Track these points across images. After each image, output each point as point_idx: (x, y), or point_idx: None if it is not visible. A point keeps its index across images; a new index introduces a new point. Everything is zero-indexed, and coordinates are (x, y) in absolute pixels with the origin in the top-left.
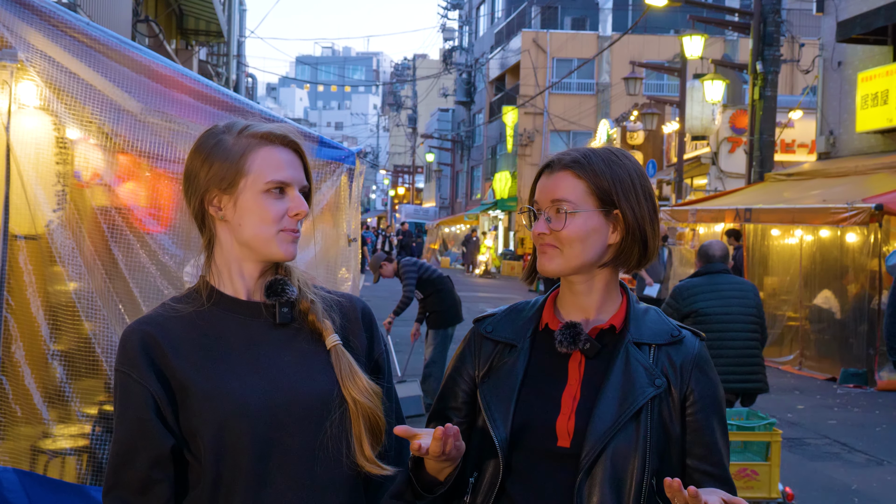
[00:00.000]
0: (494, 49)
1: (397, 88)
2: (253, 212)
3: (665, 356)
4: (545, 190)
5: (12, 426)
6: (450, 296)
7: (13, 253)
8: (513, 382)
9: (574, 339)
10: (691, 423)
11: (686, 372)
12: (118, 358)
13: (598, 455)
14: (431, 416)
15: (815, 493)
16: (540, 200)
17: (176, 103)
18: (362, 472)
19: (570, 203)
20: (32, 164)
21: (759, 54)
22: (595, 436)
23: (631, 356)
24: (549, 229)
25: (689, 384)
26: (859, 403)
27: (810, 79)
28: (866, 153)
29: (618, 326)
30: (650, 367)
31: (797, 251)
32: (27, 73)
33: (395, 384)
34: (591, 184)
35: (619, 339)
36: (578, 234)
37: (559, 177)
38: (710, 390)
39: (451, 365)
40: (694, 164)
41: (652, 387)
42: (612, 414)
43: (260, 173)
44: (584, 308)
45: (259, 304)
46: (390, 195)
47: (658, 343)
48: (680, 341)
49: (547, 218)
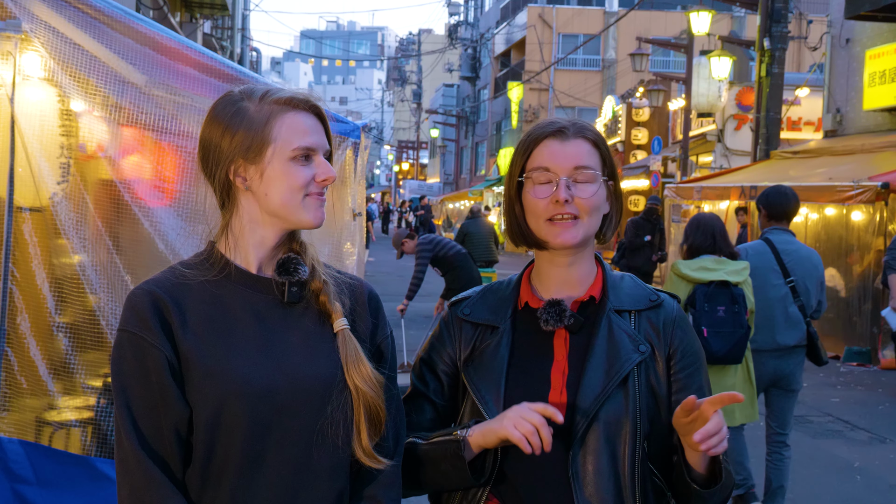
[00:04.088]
0: (500, 24)
1: (402, 63)
2: (281, 180)
3: (646, 321)
4: (565, 155)
5: (18, 398)
6: (466, 273)
7: (18, 225)
8: (499, 364)
9: (559, 317)
10: (676, 381)
11: (668, 333)
12: (127, 319)
13: (590, 424)
14: (409, 397)
15: (817, 470)
16: (555, 166)
17: (181, 76)
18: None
19: (594, 171)
20: (37, 136)
21: (767, 31)
22: (584, 405)
23: (613, 324)
24: (572, 196)
25: (671, 344)
26: (863, 382)
27: (818, 56)
28: (873, 131)
29: (597, 297)
30: (633, 334)
31: (802, 229)
32: (31, 45)
33: (399, 373)
34: (602, 153)
35: (600, 308)
36: (599, 203)
37: (577, 143)
38: (692, 348)
39: (426, 347)
40: (700, 142)
41: (637, 353)
42: (600, 383)
43: (287, 140)
44: (567, 282)
45: (269, 279)
46: (394, 171)
47: (638, 309)
48: (659, 304)
49: (567, 185)
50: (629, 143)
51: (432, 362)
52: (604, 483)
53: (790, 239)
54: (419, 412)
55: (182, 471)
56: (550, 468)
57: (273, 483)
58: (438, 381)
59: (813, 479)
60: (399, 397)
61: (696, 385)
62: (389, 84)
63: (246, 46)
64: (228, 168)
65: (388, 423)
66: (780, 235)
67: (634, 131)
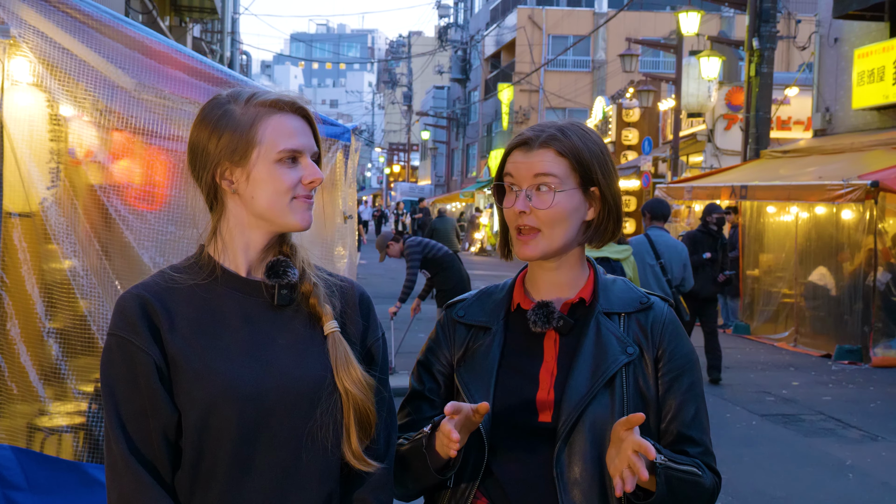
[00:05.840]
0: (490, 26)
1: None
2: (267, 183)
3: (636, 324)
4: (526, 166)
5: (8, 404)
6: (456, 274)
7: (7, 230)
8: (490, 364)
9: (548, 319)
10: (663, 384)
11: (657, 335)
12: (116, 323)
13: (575, 424)
14: (409, 398)
15: (809, 468)
16: (517, 177)
17: (170, 79)
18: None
19: (556, 179)
20: (26, 141)
21: (756, 31)
22: (570, 405)
23: (602, 326)
24: (529, 208)
25: (660, 346)
26: (854, 380)
27: (807, 55)
28: (862, 130)
29: (587, 299)
30: (622, 336)
31: (793, 228)
32: (20, 50)
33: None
34: (572, 160)
35: (590, 311)
36: (563, 213)
37: (540, 153)
38: (681, 351)
39: (425, 349)
40: (690, 142)
41: (624, 354)
42: (586, 383)
43: (272, 143)
44: (556, 285)
45: (259, 282)
46: (385, 173)
47: (628, 311)
48: (649, 307)
49: (527, 195)
50: (619, 144)
51: (429, 363)
52: (588, 483)
53: (663, 233)
54: (418, 413)
55: (171, 475)
56: (536, 467)
57: (262, 486)
58: (435, 382)
59: (805, 478)
60: (391, 400)
61: (682, 388)
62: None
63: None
64: (215, 171)
65: (379, 426)
66: (656, 231)
67: (625, 132)
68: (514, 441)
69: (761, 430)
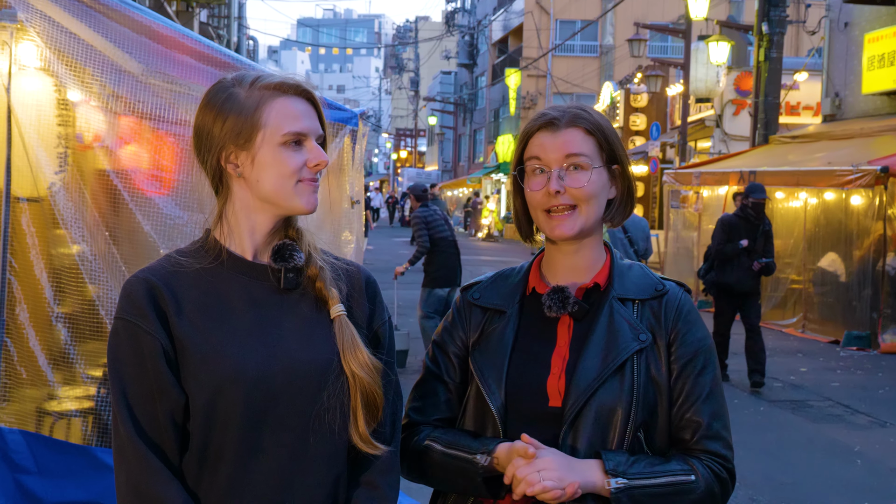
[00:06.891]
0: (497, 11)
1: (399, 51)
2: (271, 166)
3: (649, 310)
4: (555, 146)
5: (18, 388)
6: (445, 258)
7: (16, 215)
8: (504, 348)
9: (563, 303)
10: (674, 370)
11: (670, 320)
12: (122, 307)
13: (581, 408)
14: (423, 380)
15: (817, 454)
16: (547, 158)
17: (177, 64)
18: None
19: (587, 158)
20: (34, 126)
21: (765, 15)
22: (578, 390)
23: (615, 312)
24: (564, 188)
25: (672, 331)
26: (862, 366)
27: (816, 40)
28: (872, 115)
29: (602, 284)
30: (634, 323)
31: (801, 214)
32: (27, 34)
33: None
34: (600, 138)
35: (604, 296)
36: (597, 191)
37: (570, 132)
38: (694, 336)
39: (440, 330)
40: (698, 127)
41: (636, 341)
42: (596, 368)
43: (276, 126)
44: (574, 269)
45: (265, 265)
46: (392, 159)
47: (642, 298)
48: (664, 293)
49: (559, 176)
50: (627, 129)
51: (444, 344)
52: None
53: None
54: (433, 394)
55: (179, 457)
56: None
57: (269, 469)
58: (450, 363)
59: (813, 464)
60: (397, 383)
61: (694, 372)
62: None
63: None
64: (220, 154)
65: (386, 409)
66: None
67: (633, 117)
68: (526, 426)
69: (769, 416)
